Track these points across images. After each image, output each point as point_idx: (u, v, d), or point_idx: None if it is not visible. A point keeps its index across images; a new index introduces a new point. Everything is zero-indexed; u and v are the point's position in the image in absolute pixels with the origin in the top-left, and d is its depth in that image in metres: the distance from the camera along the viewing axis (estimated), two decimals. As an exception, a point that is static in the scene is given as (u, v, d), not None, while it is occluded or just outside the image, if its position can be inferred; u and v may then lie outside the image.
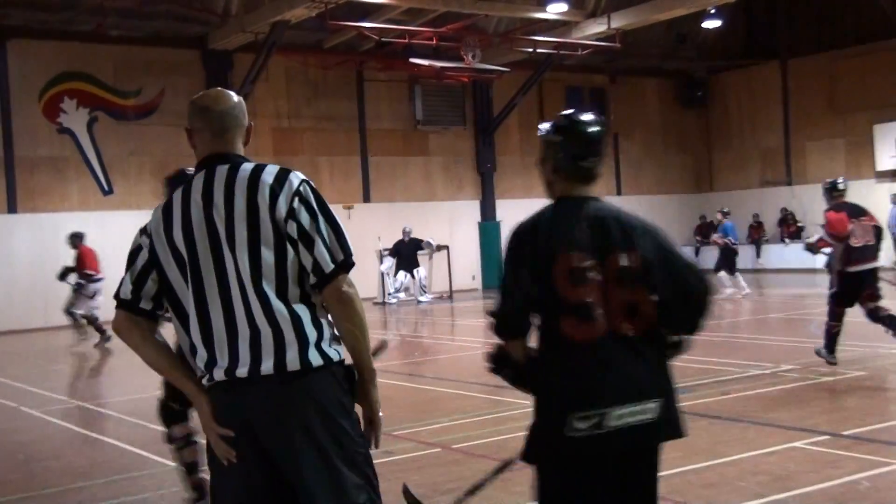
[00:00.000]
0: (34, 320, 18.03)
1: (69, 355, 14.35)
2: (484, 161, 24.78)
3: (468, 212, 24.57)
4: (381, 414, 2.73)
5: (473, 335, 15.13)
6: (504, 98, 24.26)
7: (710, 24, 24.87)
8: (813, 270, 21.68)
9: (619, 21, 21.11)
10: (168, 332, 2.82)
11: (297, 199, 2.55)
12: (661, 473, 2.91)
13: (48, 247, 18.87)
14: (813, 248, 9.62)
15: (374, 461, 2.68)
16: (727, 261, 17.77)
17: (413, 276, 21.19)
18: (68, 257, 19.70)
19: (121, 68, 20.01)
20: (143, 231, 2.76)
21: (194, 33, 20.56)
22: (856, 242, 8.72)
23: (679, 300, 2.89)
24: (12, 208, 18.98)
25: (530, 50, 22.44)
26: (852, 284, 8.75)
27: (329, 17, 18.44)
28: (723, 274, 17.65)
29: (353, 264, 2.59)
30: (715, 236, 18.27)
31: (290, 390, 2.49)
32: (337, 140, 22.68)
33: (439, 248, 22.11)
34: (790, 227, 25.96)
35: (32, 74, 19.10)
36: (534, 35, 22.10)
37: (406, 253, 20.98)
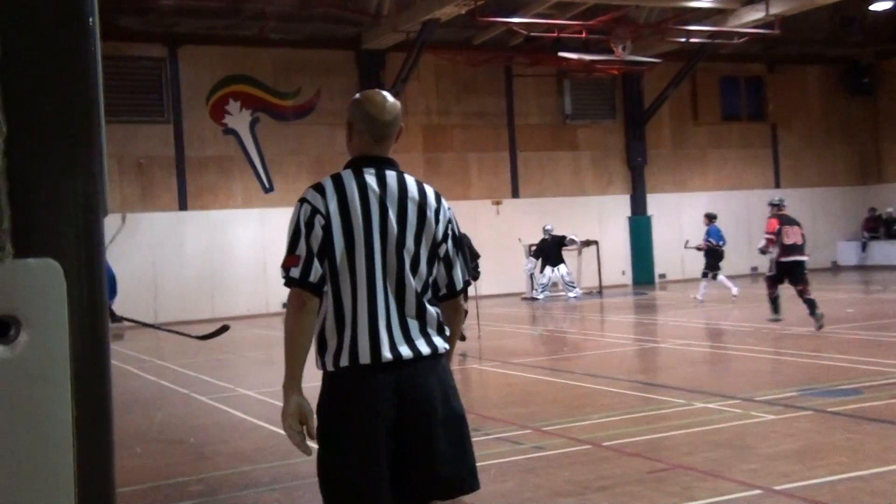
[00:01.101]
0: (202, 311, 19.08)
1: (233, 346, 15.09)
2: (634, 155, 24.31)
3: (618, 206, 24.19)
4: None
5: (623, 331, 14.89)
6: (655, 90, 23.71)
7: (880, 6, 23.38)
8: None
9: (778, 7, 20.21)
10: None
11: (449, 226, 3.07)
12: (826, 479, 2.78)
13: (216, 242, 20.02)
14: (763, 250, 12.89)
15: (525, 456, 2.71)
16: (712, 263, 17.67)
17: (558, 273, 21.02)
18: (235, 251, 20.64)
19: (280, 70, 20.93)
20: (316, 210, 2.90)
21: (348, 34, 21.22)
22: (787, 241, 12.42)
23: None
24: (183, 206, 20.19)
25: (683, 40, 21.84)
26: (785, 270, 12.52)
27: (478, 14, 18.60)
28: (719, 277, 17.63)
29: (470, 284, 3.24)
30: (700, 241, 18.10)
31: (439, 366, 3.01)
32: (485, 136, 22.84)
33: (587, 243, 21.86)
34: (970, 221, 24.13)
35: (200, 79, 20.27)
36: (687, 24, 21.49)
37: (549, 251, 20.81)
